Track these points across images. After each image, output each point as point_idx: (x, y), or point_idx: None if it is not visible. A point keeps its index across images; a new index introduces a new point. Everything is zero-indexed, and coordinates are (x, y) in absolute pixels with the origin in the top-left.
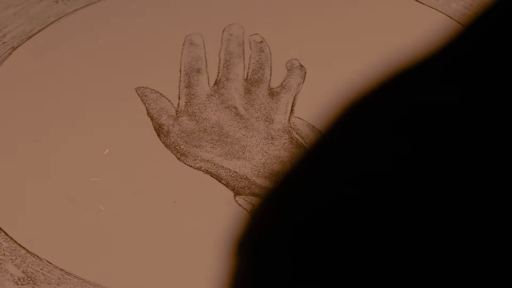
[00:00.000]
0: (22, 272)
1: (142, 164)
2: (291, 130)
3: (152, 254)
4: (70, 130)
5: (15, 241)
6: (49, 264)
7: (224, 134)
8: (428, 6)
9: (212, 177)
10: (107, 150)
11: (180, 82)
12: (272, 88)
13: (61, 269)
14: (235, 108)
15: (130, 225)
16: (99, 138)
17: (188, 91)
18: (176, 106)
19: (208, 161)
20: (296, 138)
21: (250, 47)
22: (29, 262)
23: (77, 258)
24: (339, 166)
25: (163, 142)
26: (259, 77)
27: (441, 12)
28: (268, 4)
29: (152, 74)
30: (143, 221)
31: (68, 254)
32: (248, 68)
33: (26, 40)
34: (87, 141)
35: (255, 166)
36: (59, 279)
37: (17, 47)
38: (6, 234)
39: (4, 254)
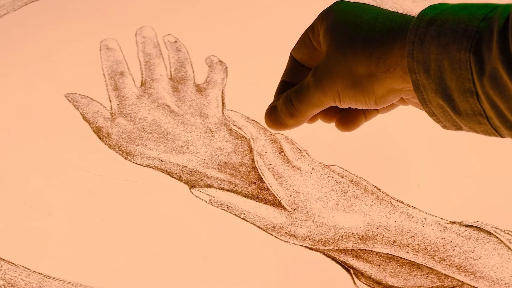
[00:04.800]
0: (1, 279)
1: (90, 166)
2: (227, 122)
3: (122, 251)
4: (9, 140)
5: None
6: (25, 269)
7: (163, 132)
8: None
9: (163, 173)
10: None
11: (107, 86)
12: (198, 84)
13: (39, 273)
14: (168, 106)
15: (94, 225)
16: (40, 144)
17: (117, 94)
18: (109, 109)
19: (155, 158)
20: (235, 130)
21: (167, 48)
22: (5, 269)
23: (51, 262)
24: None
25: (106, 144)
26: (182, 75)
27: None
28: (169, 5)
29: (75, 80)
30: (106, 220)
31: (41, 259)
32: (170, 68)
33: None
34: (28, 149)
35: (202, 159)
36: (40, 282)
37: None
38: None
39: None
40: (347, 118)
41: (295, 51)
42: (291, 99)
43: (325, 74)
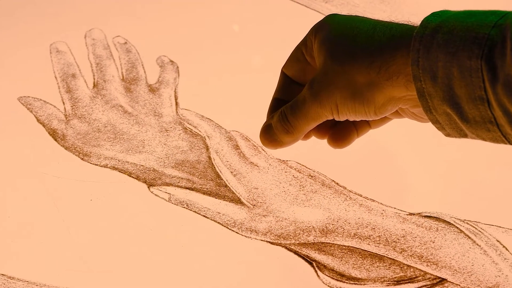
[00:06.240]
0: None
1: (47, 168)
2: (182, 121)
3: (85, 250)
4: None
5: None
6: None
7: (119, 132)
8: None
9: (121, 172)
10: None
11: (59, 88)
12: (150, 84)
13: (2, 275)
14: (121, 106)
15: (55, 226)
16: None
17: (70, 96)
18: (63, 111)
19: (111, 158)
20: (190, 128)
21: (117, 49)
22: None
23: (14, 263)
24: None
25: (63, 146)
26: (134, 75)
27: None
28: (117, 7)
29: (27, 83)
30: (67, 221)
31: (5, 260)
32: (121, 69)
33: None
34: None
35: (159, 157)
36: (4, 284)
37: None
38: None
39: None
40: (339, 135)
41: (286, 68)
42: (286, 115)
43: (323, 86)
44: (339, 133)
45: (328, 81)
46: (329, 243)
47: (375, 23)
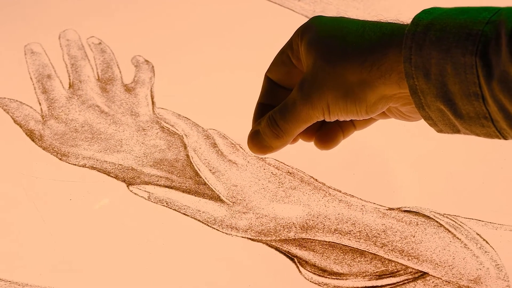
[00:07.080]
0: None
1: (26, 168)
2: (159, 120)
3: (66, 250)
4: None
5: None
6: None
7: (96, 132)
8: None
9: (100, 172)
10: None
11: (35, 89)
12: (126, 84)
13: None
14: (98, 106)
15: (36, 226)
16: None
17: (46, 97)
18: (39, 112)
19: (90, 158)
20: (167, 127)
21: (91, 50)
22: None
23: None
24: None
25: (40, 146)
26: (110, 75)
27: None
28: (91, 8)
29: (2, 85)
30: (47, 221)
31: None
32: (97, 69)
33: None
34: None
35: (137, 156)
36: None
37: None
38: None
39: None
40: (326, 136)
41: (271, 72)
42: (275, 120)
43: (314, 87)
44: (325, 134)
45: (319, 82)
46: (310, 239)
47: (364, 22)
